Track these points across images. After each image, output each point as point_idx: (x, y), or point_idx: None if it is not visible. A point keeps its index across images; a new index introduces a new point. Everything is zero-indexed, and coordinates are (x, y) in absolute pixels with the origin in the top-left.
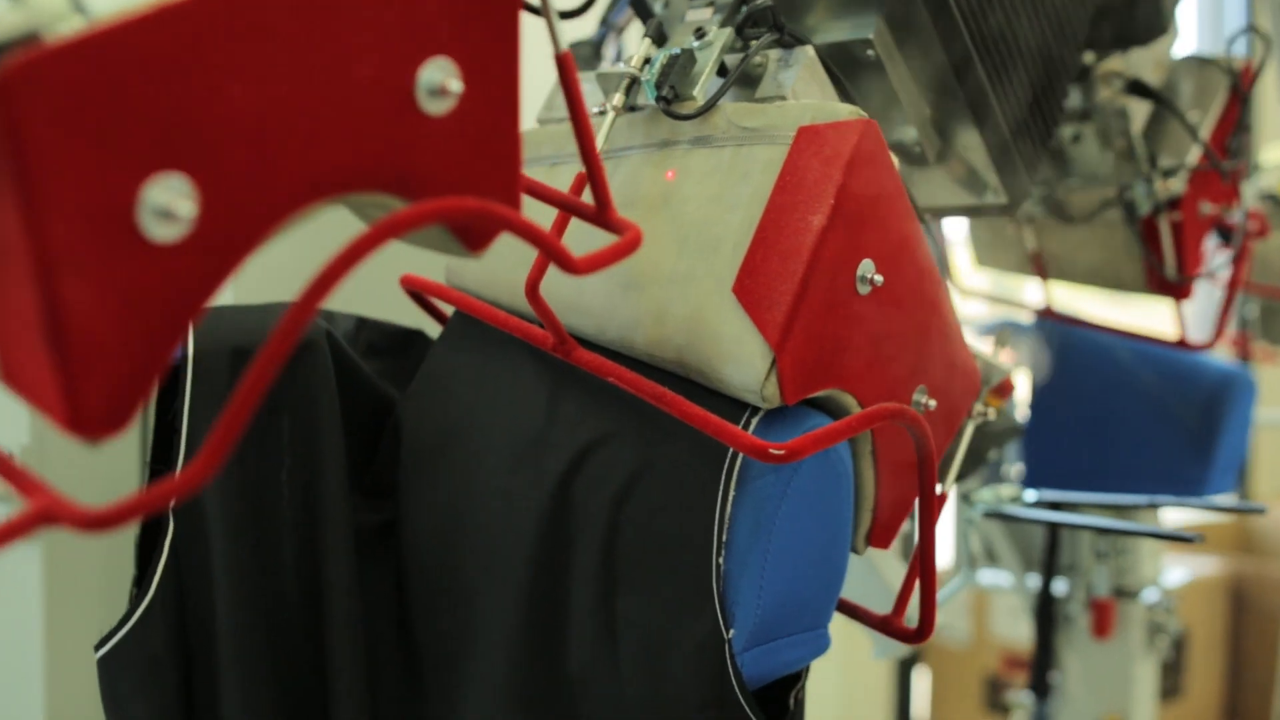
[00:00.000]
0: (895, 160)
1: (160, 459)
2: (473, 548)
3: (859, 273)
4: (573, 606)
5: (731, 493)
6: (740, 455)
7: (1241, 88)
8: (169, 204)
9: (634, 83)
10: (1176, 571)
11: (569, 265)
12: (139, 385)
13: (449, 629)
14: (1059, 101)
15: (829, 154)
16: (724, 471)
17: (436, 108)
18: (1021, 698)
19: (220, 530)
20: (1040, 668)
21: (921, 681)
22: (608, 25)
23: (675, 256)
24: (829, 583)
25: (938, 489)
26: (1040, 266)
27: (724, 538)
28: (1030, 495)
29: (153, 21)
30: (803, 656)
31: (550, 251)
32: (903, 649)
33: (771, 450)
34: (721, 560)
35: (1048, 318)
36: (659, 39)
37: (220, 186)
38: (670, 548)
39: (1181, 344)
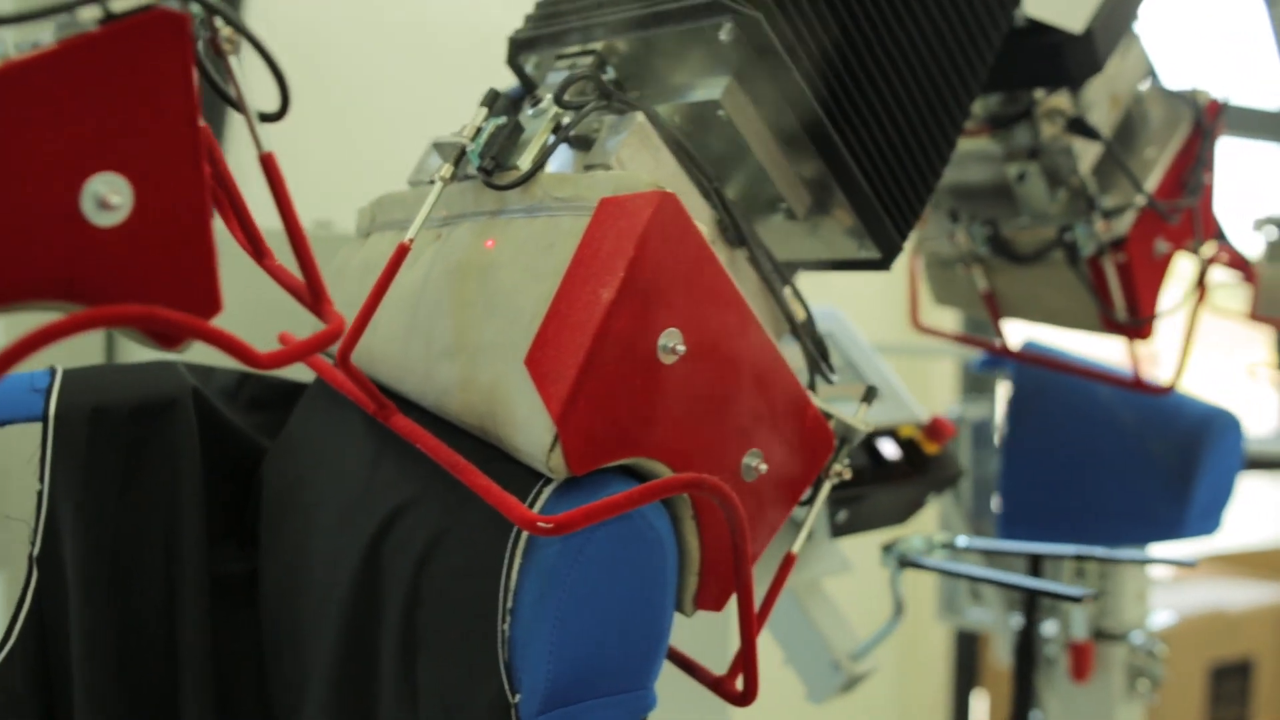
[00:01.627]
0: (775, 218)
1: None
2: (306, 603)
3: (660, 343)
4: (381, 668)
5: (518, 560)
6: None
7: (1205, 122)
8: None
9: (463, 153)
10: (1164, 614)
11: (252, 360)
12: None
13: (288, 681)
14: (939, 154)
15: (624, 227)
16: (511, 539)
17: (105, 220)
18: None
19: (77, 579)
20: (1020, 708)
21: (980, 705)
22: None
23: (484, 325)
24: (642, 647)
25: (793, 549)
26: (994, 306)
27: (509, 604)
28: (962, 541)
29: None
30: (616, 718)
31: (230, 348)
32: (837, 689)
33: (539, 524)
34: (506, 627)
35: (1006, 356)
36: (495, 108)
37: None
38: (462, 613)
39: (1139, 385)
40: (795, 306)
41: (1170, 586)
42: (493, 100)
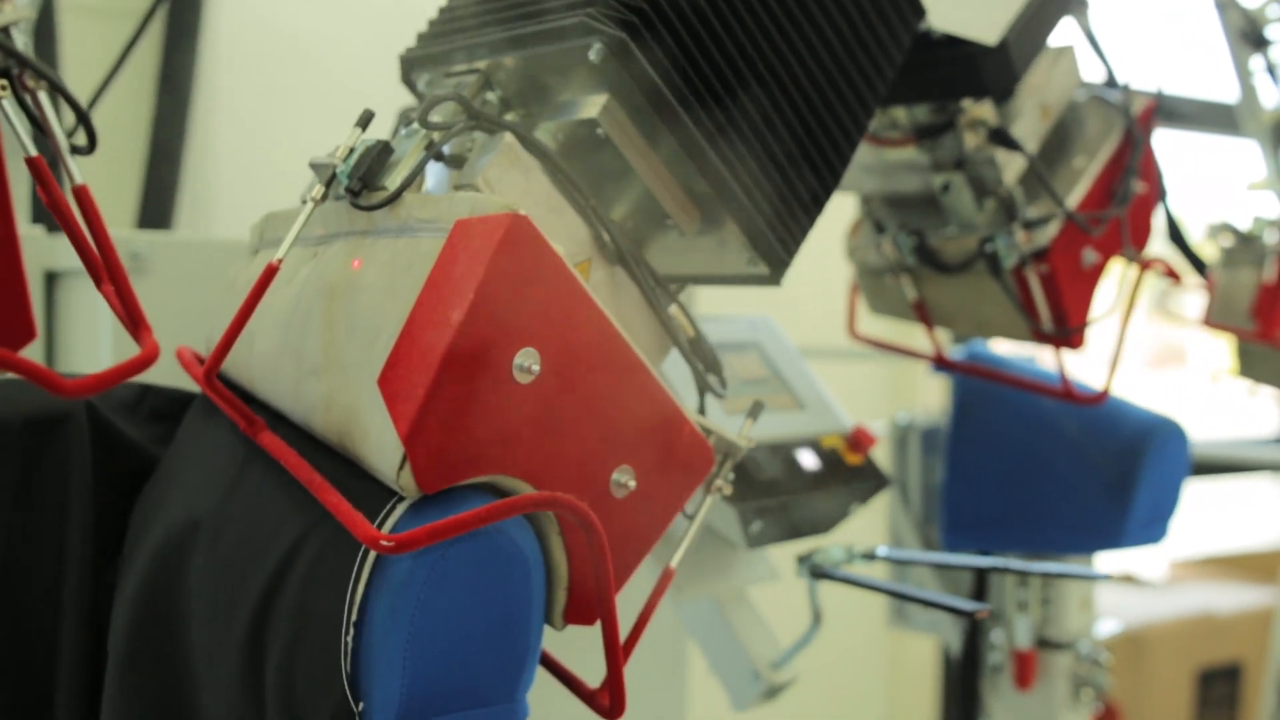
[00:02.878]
0: (670, 234)
1: None
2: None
3: (516, 362)
4: (230, 674)
5: (365, 573)
6: None
7: (1135, 130)
8: None
9: (335, 173)
10: (1109, 623)
11: (56, 388)
12: None
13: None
14: (831, 168)
15: (475, 248)
16: (359, 555)
17: None
18: None
19: None
20: (965, 716)
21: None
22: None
23: (346, 345)
24: (504, 661)
25: (671, 564)
26: (924, 315)
27: (354, 617)
28: (881, 551)
29: None
30: None
31: (34, 376)
32: (757, 698)
33: (382, 541)
34: (350, 639)
35: (942, 366)
36: (368, 128)
37: None
38: (309, 622)
39: (1068, 395)
40: (683, 322)
41: (1159, 590)
42: (367, 120)
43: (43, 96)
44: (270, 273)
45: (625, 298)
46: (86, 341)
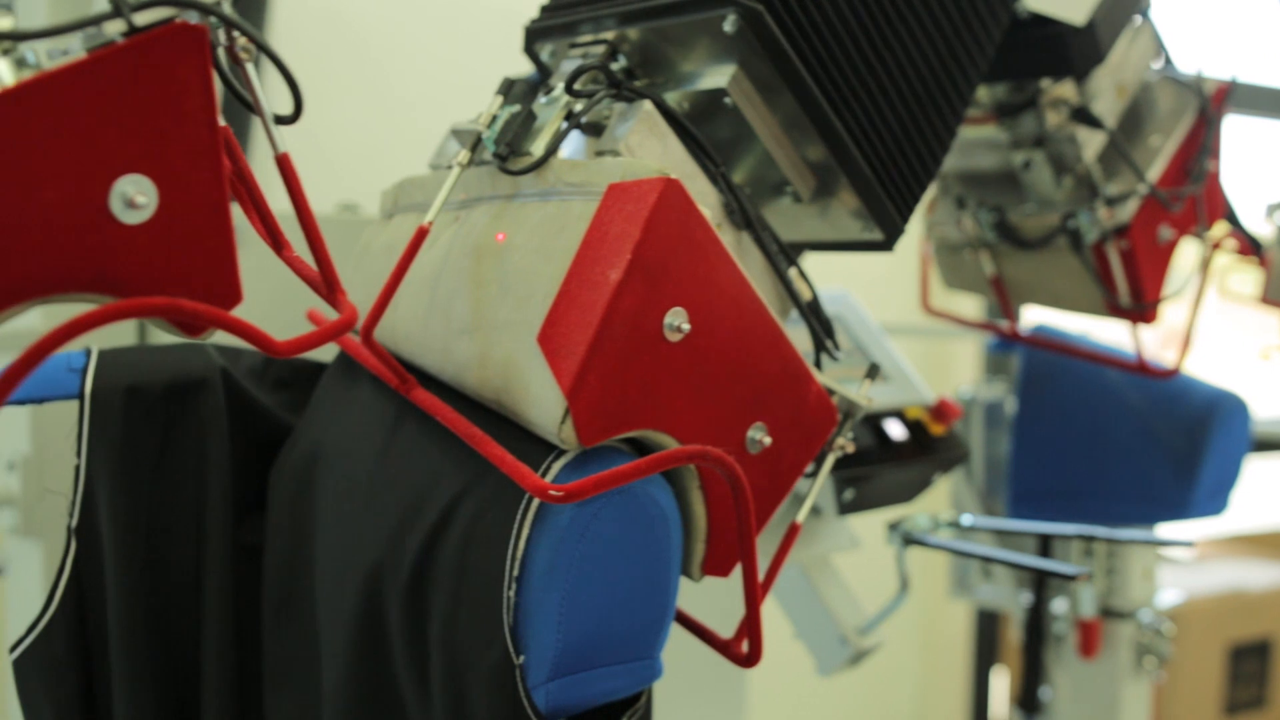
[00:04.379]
0: (783, 201)
1: None
2: (315, 570)
3: (667, 321)
4: (391, 628)
5: (526, 530)
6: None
7: (1209, 110)
8: None
9: (479, 139)
10: (1171, 593)
11: (270, 348)
12: None
13: (293, 643)
14: (940, 140)
15: (630, 210)
16: (521, 509)
17: (132, 218)
18: (1011, 713)
19: (114, 550)
20: (1030, 684)
21: (1000, 682)
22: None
23: (499, 304)
24: (648, 617)
25: (797, 519)
26: (1001, 291)
27: (515, 572)
28: (967, 520)
29: None
30: (622, 686)
31: (249, 336)
32: (844, 663)
33: (551, 490)
34: (512, 593)
35: (1016, 341)
36: (510, 96)
37: None
38: (470, 578)
39: (1143, 369)
40: (802, 287)
41: (1190, 566)
42: (507, 88)
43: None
44: (421, 235)
45: (750, 261)
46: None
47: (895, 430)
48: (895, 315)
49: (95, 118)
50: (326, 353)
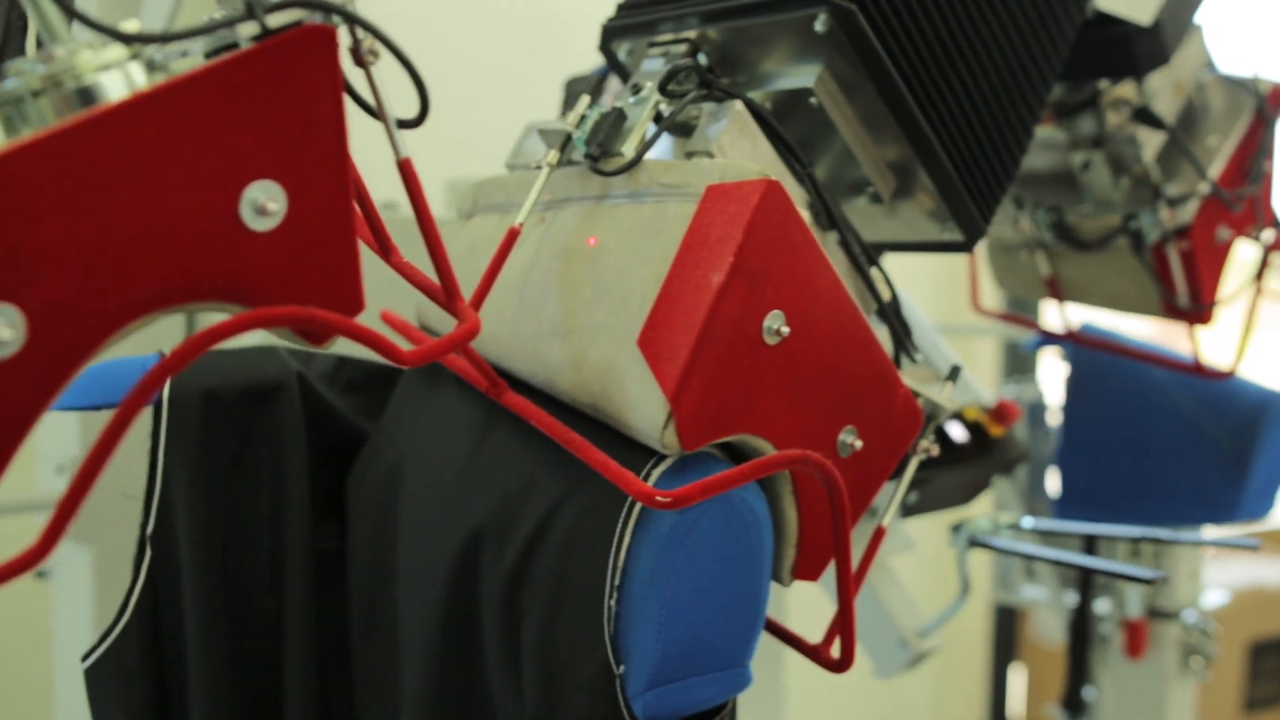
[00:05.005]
0: (858, 201)
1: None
2: (399, 577)
3: (766, 324)
4: (485, 638)
5: (627, 539)
6: (639, 504)
7: (1267, 110)
8: None
9: (569, 139)
10: (1217, 593)
11: (396, 358)
12: None
13: (380, 652)
14: (1019, 141)
15: (732, 213)
16: (621, 518)
17: (262, 225)
18: (1055, 713)
19: (191, 557)
20: (1074, 684)
21: (1017, 679)
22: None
23: (594, 307)
24: (741, 626)
25: (883, 522)
26: (1056, 291)
27: (616, 582)
28: (1027, 522)
29: None
30: (715, 695)
31: (377, 346)
32: (904, 666)
33: (658, 497)
34: (613, 603)
35: (1069, 341)
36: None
37: (45, 312)
38: (568, 587)
39: (1199, 370)
40: (882, 288)
41: (1210, 564)
42: (595, 88)
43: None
44: (513, 236)
45: (834, 262)
46: None
47: (956, 432)
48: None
49: (227, 122)
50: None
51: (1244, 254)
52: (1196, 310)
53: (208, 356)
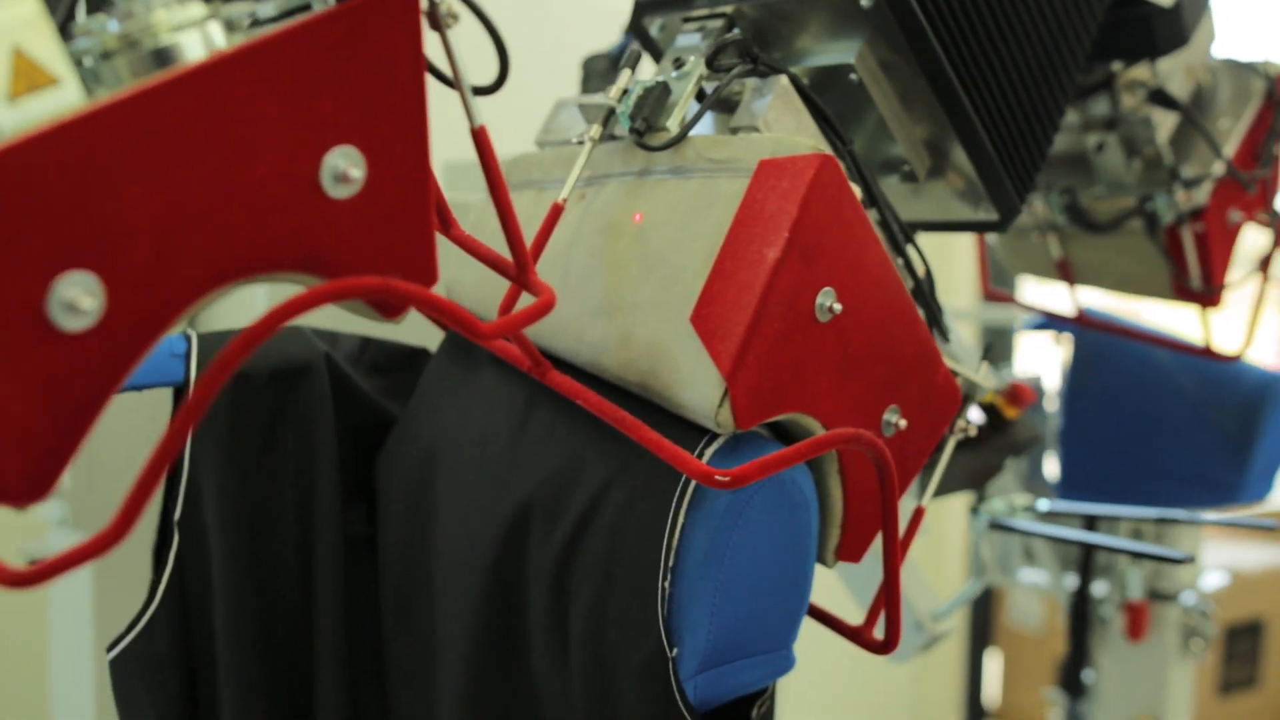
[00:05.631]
0: (890, 179)
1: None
2: (436, 560)
3: (818, 301)
4: (530, 620)
5: (681, 520)
6: (693, 484)
7: (1276, 93)
8: (74, 299)
9: (611, 114)
10: (1216, 575)
11: (475, 332)
12: (57, 460)
13: (415, 638)
14: (1053, 119)
15: (786, 188)
16: (675, 498)
17: (341, 193)
18: (1054, 695)
19: (220, 543)
20: (1073, 667)
21: (993, 664)
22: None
23: (641, 283)
24: (789, 607)
25: (921, 502)
26: (1067, 273)
27: (670, 563)
28: (1043, 505)
29: (49, 138)
30: (762, 677)
31: (456, 319)
32: (918, 648)
33: (717, 476)
34: (667, 584)
35: (1080, 324)
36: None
37: (124, 281)
38: (620, 569)
39: (1208, 353)
40: (918, 266)
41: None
42: (635, 60)
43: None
44: (557, 212)
45: None
46: None
47: (973, 414)
48: None
49: (309, 85)
50: (417, 336)
51: (1250, 240)
52: (1208, 292)
53: (230, 336)
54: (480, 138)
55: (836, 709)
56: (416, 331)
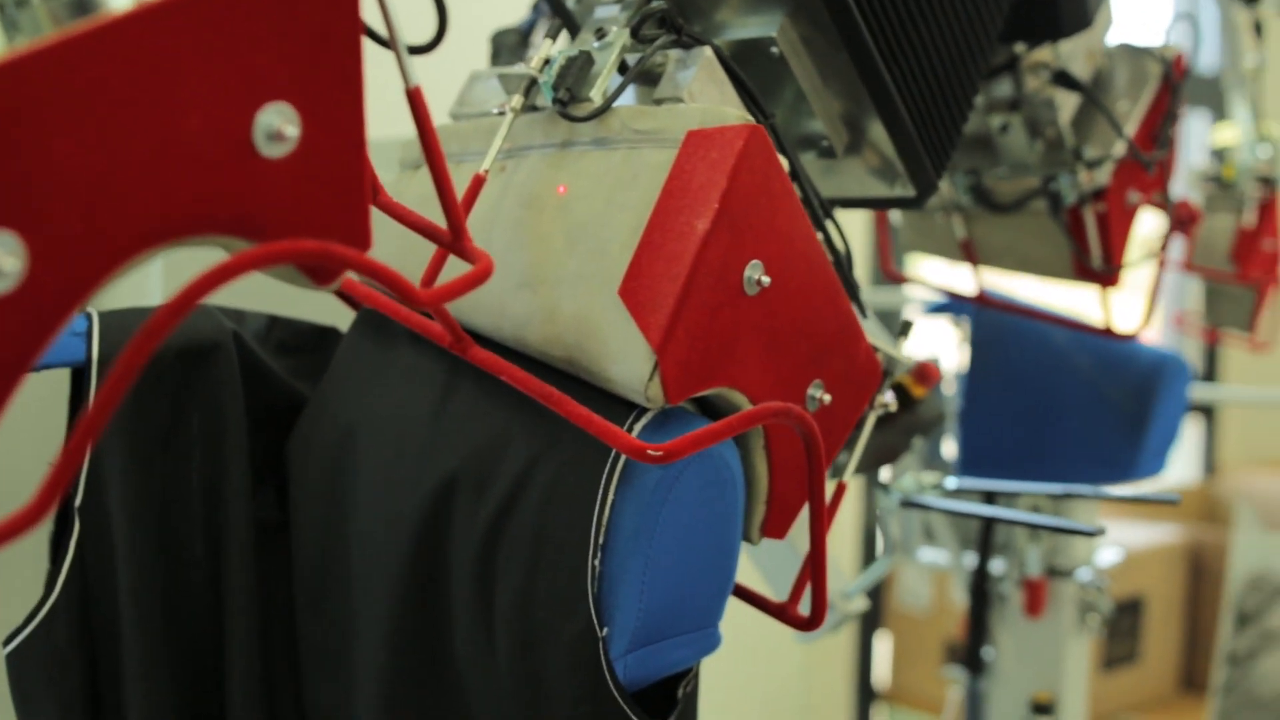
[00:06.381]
0: (806, 155)
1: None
2: (354, 542)
3: (746, 274)
4: (453, 600)
5: (611, 496)
6: (622, 459)
7: (1173, 77)
8: None
9: (533, 84)
10: (1110, 551)
11: (413, 298)
12: None
13: (332, 624)
14: (968, 96)
15: (715, 158)
16: (605, 474)
17: (275, 151)
18: (955, 673)
19: (124, 528)
20: (974, 645)
21: (883, 646)
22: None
23: (566, 257)
24: (717, 584)
25: (843, 478)
26: (970, 254)
27: (600, 540)
28: (951, 483)
29: None
30: (690, 655)
31: (394, 286)
32: (830, 628)
33: (649, 450)
34: (597, 562)
35: (981, 304)
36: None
37: (47, 242)
38: (548, 546)
39: (1108, 332)
40: (837, 241)
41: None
42: (557, 31)
43: None
44: (479, 183)
45: None
46: None
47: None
48: None
49: (241, 38)
50: (327, 316)
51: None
52: (1108, 272)
53: (136, 314)
54: (415, 99)
55: (728, 696)
56: (323, 310)
